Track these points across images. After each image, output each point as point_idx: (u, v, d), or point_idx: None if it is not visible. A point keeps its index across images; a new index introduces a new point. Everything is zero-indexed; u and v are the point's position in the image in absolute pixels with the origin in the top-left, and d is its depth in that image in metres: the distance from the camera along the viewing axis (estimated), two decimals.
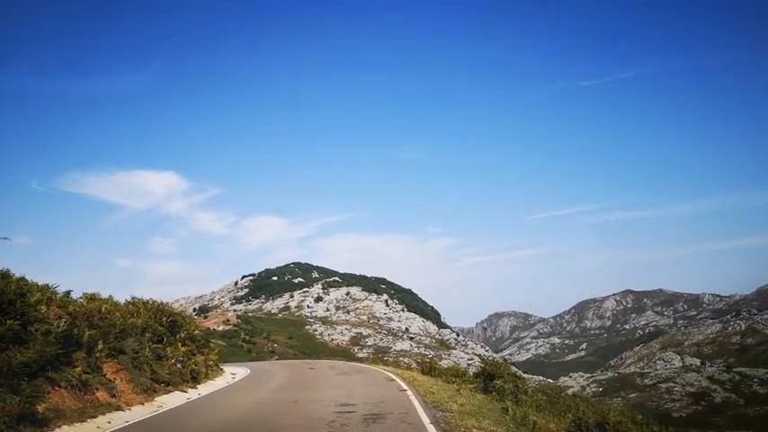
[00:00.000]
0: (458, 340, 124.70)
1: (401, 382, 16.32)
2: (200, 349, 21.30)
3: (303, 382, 17.89)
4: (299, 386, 16.62)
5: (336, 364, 29.81)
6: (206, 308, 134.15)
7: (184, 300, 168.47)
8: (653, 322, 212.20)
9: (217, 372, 21.47)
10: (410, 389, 14.56)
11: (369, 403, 11.82)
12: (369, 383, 16.65)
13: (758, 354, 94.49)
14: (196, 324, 26.05)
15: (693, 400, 63.27)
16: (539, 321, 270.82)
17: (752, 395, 62.85)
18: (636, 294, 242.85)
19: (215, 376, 20.11)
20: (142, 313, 17.94)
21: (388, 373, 20.35)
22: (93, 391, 11.02)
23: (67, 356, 11.14)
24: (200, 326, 36.12)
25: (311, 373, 23.25)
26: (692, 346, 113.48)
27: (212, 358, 22.00)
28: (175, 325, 20.03)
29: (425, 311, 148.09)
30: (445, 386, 16.14)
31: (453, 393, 13.77)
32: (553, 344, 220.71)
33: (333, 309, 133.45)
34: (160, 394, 13.63)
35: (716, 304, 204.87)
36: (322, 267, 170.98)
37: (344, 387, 15.50)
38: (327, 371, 23.61)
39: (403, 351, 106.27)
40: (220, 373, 21.65)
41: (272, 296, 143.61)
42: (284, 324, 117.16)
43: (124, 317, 15.57)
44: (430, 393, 13.46)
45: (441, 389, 14.67)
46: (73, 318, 12.10)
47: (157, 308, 19.67)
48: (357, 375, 20.02)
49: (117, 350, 13.53)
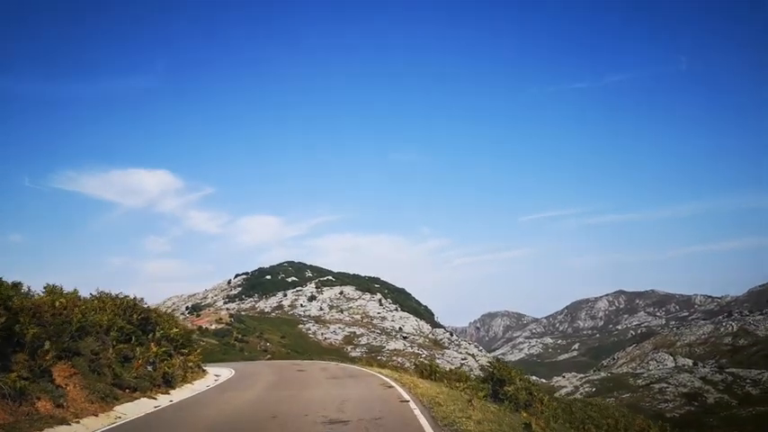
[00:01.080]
0: (451, 340, 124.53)
1: (401, 390, 14.60)
2: (178, 350, 20.01)
3: (288, 389, 15.92)
4: (283, 394, 14.74)
5: (328, 367, 27.82)
6: (199, 306, 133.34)
7: (177, 298, 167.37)
8: (645, 323, 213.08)
9: (198, 374, 20.27)
10: (412, 398, 12.90)
11: (364, 420, 10.09)
12: (363, 391, 14.86)
13: (750, 355, 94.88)
14: (176, 322, 24.17)
15: (686, 401, 63.30)
16: (531, 321, 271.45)
17: (744, 396, 62.95)
18: (628, 295, 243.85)
19: (195, 379, 18.90)
20: (108, 309, 16.32)
21: (384, 378, 18.50)
22: (32, 401, 9.43)
23: (4, 359, 9.77)
24: (184, 325, 33.66)
25: (299, 376, 21.30)
26: (685, 347, 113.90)
27: (192, 359, 20.70)
28: (148, 323, 18.52)
29: (419, 311, 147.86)
30: (451, 394, 14.36)
31: (464, 405, 11.83)
32: (546, 344, 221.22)
33: (326, 308, 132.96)
34: (123, 402, 12.07)
35: (707, 305, 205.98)
36: (316, 266, 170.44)
37: (335, 396, 13.52)
38: (318, 374, 21.78)
39: (396, 350, 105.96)
40: (202, 376, 20.50)
41: (265, 295, 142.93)
42: (277, 323, 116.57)
43: (84, 313, 13.87)
44: (437, 405, 11.59)
45: (448, 398, 12.94)
46: (13, 314, 10.47)
47: (127, 304, 17.91)
48: (350, 381, 18.26)
49: (71, 351, 11.98)
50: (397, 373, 22.80)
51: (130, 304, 18.16)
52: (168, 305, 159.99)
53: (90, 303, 16.08)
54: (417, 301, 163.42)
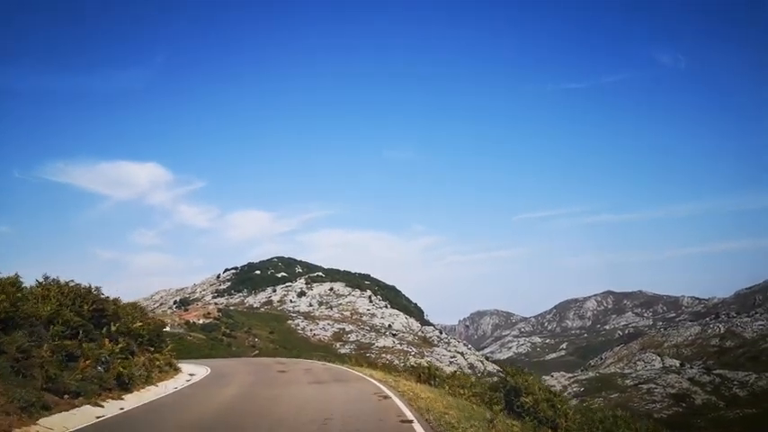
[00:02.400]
0: (440, 338, 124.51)
1: (399, 402, 11.92)
2: (143, 346, 18.11)
3: (263, 397, 13.35)
4: (255, 406, 12.13)
5: (313, 367, 25.14)
6: (187, 301, 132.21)
7: (165, 292, 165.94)
8: (633, 323, 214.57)
9: (167, 374, 18.41)
10: (415, 415, 10.23)
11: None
12: (353, 404, 12.05)
13: (737, 356, 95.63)
14: (142, 314, 21.56)
15: (674, 402, 63.55)
16: (520, 320, 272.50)
17: (732, 398, 63.32)
18: (616, 295, 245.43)
19: (163, 379, 16.93)
20: (53, 298, 14.06)
21: (378, 384, 15.79)
22: None
23: None
24: (156, 318, 29.88)
25: (279, 379, 18.80)
26: (672, 348, 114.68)
27: (161, 358, 18.86)
28: (103, 315, 16.13)
29: (409, 308, 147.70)
30: (462, 407, 11.99)
31: (484, 428, 9.52)
32: (534, 343, 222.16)
33: (315, 304, 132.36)
34: (55, 412, 9.70)
35: (695, 307, 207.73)
36: (305, 262, 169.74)
37: (317, 411, 10.99)
38: (300, 376, 19.37)
39: (385, 348, 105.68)
40: (172, 375, 18.66)
41: (254, 290, 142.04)
42: (266, 318, 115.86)
43: (13, 302, 11.67)
44: (450, 428, 9.15)
45: (460, 415, 10.51)
46: None
47: (77, 292, 15.36)
48: (337, 387, 15.67)
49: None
50: (390, 376, 20.04)
51: (81, 293, 15.62)
52: (156, 299, 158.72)
53: (33, 291, 14.19)
54: (407, 299, 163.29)
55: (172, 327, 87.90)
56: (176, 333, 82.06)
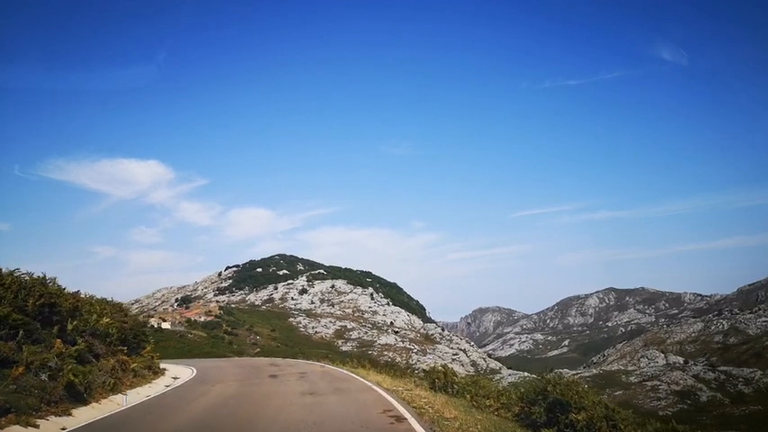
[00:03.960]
0: (442, 335, 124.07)
1: (418, 427, 9.10)
2: (114, 347, 15.96)
3: (239, 417, 10.75)
4: (231, 426, 10.00)
5: (310, 371, 22.33)
6: (188, 298, 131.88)
7: (167, 290, 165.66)
8: (635, 320, 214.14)
9: (144, 379, 16.40)
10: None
11: None
12: (354, 428, 9.24)
13: (741, 353, 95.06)
14: (117, 311, 18.72)
15: (679, 399, 63.04)
16: (522, 317, 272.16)
17: (737, 395, 62.81)
18: (618, 292, 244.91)
19: (138, 385, 14.89)
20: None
21: (386, 397, 13.13)
22: None
23: None
24: (135, 316, 27.04)
25: (267, 387, 16.13)
26: (675, 345, 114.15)
27: (136, 361, 16.63)
28: (55, 311, 13.64)
29: (410, 305, 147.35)
30: (502, 429, 10.03)
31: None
32: (536, 340, 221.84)
33: (317, 301, 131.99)
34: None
35: (697, 303, 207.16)
36: (307, 260, 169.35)
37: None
38: (292, 385, 16.66)
39: (387, 345, 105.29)
40: (149, 381, 16.56)
41: (255, 288, 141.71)
42: (268, 316, 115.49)
43: None
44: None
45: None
46: None
47: (20, 284, 12.98)
48: (335, 400, 13.02)
49: None
50: (400, 383, 17.06)
51: (26, 285, 13.18)
52: (158, 297, 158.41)
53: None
54: (409, 296, 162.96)
55: (173, 325, 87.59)
56: (177, 331, 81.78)
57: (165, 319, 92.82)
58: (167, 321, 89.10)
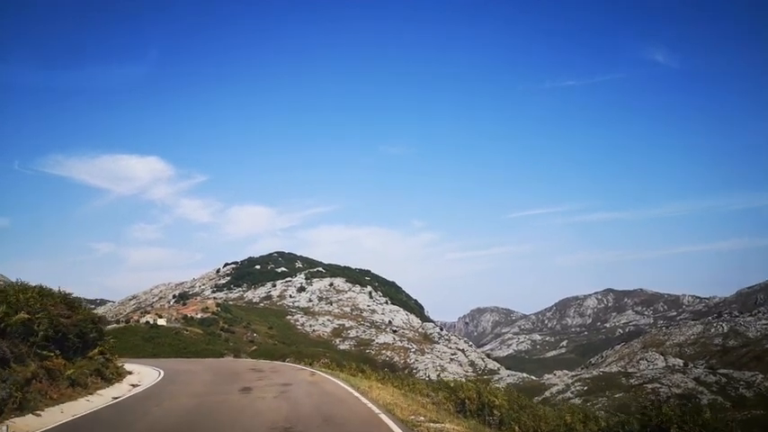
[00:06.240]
0: (441, 334, 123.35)
1: None
2: (39, 349, 12.75)
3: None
4: None
5: (295, 381, 17.90)
6: (186, 295, 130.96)
7: (164, 286, 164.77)
8: (633, 321, 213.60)
9: (87, 388, 13.51)
10: None
11: None
12: None
13: (740, 356, 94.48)
14: (37, 302, 14.43)
15: (680, 402, 62.30)
16: (520, 318, 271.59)
17: (738, 398, 62.19)
18: (617, 293, 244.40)
19: (61, 402, 11.84)
20: None
21: None
22: None
23: None
24: (89, 310, 21.67)
25: (228, 411, 11.68)
26: (674, 347, 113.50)
27: (74, 368, 13.44)
28: None
29: (409, 304, 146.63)
30: None
31: None
32: (534, 340, 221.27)
33: (315, 299, 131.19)
34: None
35: (696, 306, 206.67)
36: (306, 257, 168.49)
37: None
38: (265, 407, 11.97)
39: (386, 344, 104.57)
40: (91, 391, 13.59)
41: (254, 285, 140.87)
42: (265, 313, 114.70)
43: None
44: None
45: None
46: None
47: None
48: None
49: None
50: (417, 404, 12.63)
51: None
52: (155, 293, 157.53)
53: None
54: (407, 295, 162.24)
55: (169, 321, 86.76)
56: (173, 327, 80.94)
57: (162, 315, 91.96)
58: (163, 318, 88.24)
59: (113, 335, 29.63)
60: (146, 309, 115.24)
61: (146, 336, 68.27)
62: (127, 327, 75.33)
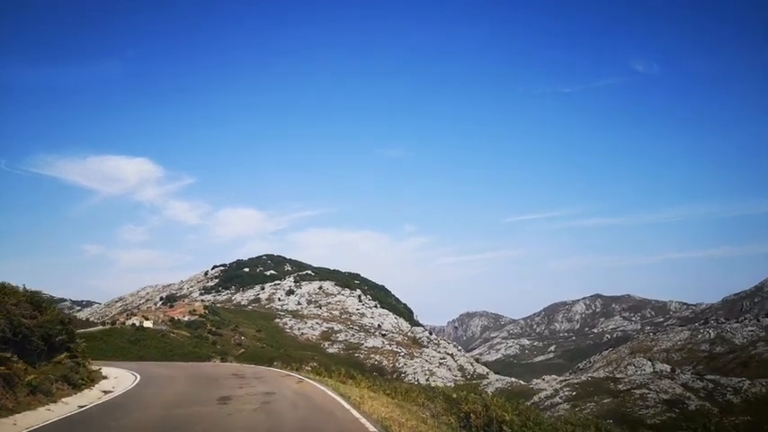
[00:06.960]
0: (430, 339, 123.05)
1: None
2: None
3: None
4: None
5: (279, 389, 16.14)
6: (173, 297, 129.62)
7: (152, 288, 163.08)
8: (621, 327, 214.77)
9: (51, 395, 12.19)
10: None
11: None
12: None
13: (727, 362, 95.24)
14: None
15: (667, 408, 62.60)
16: (509, 322, 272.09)
17: (726, 404, 62.54)
18: (605, 299, 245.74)
19: (33, 407, 10.93)
20: None
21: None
22: None
23: None
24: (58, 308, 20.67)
25: (203, 419, 10.69)
26: (661, 353, 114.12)
27: (36, 373, 12.31)
28: None
29: (398, 308, 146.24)
30: None
31: None
32: (523, 345, 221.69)
33: (304, 302, 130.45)
34: None
35: (683, 312, 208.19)
36: (295, 260, 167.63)
37: None
38: (243, 423, 10.26)
39: (375, 348, 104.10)
40: (54, 399, 12.20)
41: (242, 287, 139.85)
42: (253, 316, 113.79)
43: None
44: None
45: None
46: None
47: None
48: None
49: None
50: (416, 418, 11.20)
51: None
52: (142, 295, 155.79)
53: None
54: (397, 299, 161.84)
55: (155, 323, 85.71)
56: (159, 330, 79.97)
57: (148, 317, 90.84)
58: (150, 320, 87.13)
59: (98, 337, 28.90)
60: (132, 311, 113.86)
61: (131, 338, 67.32)
62: (112, 329, 74.26)
